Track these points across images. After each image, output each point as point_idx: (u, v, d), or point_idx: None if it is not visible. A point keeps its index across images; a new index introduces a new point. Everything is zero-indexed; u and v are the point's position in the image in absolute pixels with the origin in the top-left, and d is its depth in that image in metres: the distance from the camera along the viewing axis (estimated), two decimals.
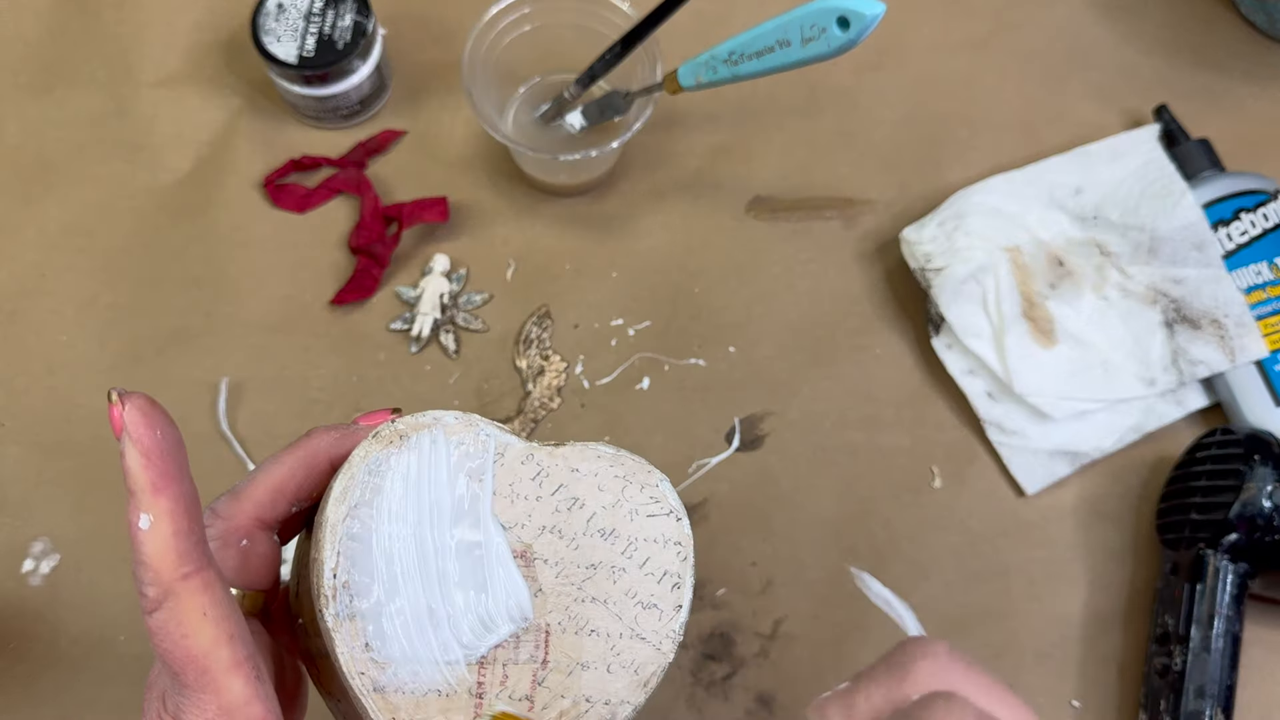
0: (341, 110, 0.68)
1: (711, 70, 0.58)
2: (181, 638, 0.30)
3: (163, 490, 0.29)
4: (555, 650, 0.35)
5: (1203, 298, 0.63)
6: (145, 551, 0.29)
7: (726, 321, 0.66)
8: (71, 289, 0.67)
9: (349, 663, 0.32)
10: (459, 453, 0.35)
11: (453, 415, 0.35)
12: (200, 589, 0.30)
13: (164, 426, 0.30)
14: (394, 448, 0.34)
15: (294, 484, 0.35)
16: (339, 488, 0.33)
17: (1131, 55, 0.72)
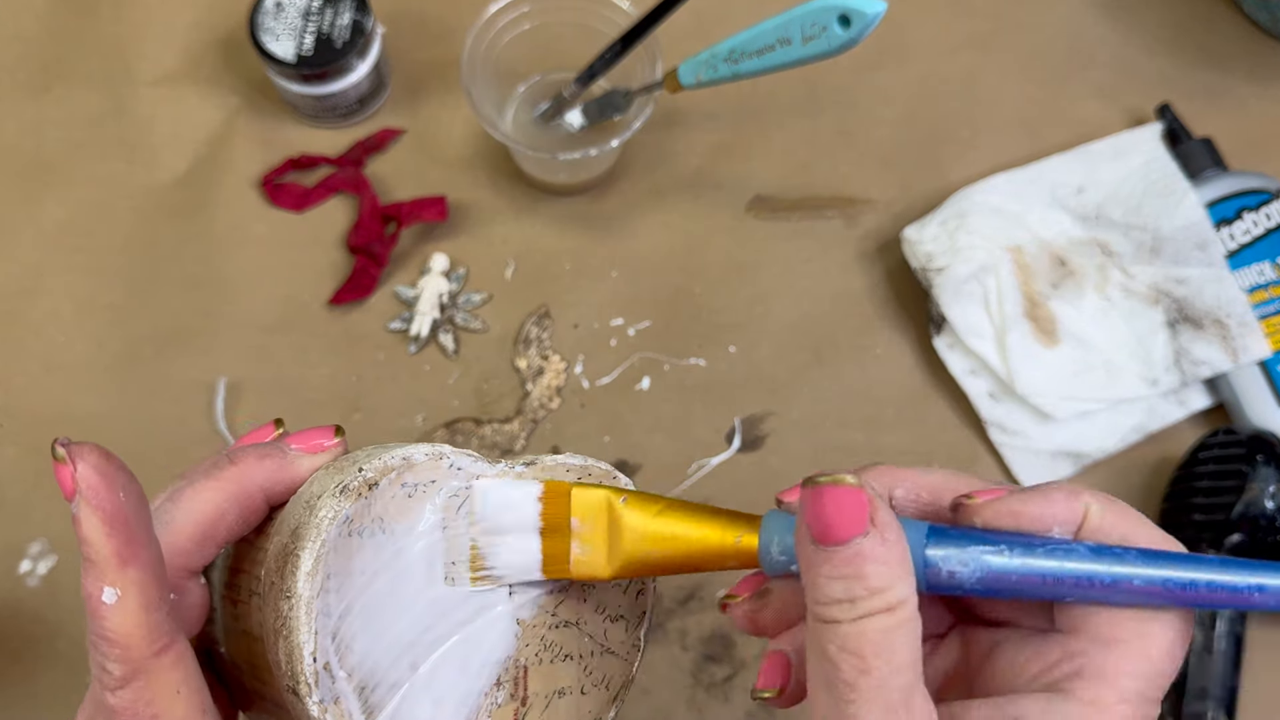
0: (340, 109, 0.68)
1: (712, 69, 0.58)
2: (151, 718, 0.27)
3: (130, 560, 0.26)
4: (533, 684, 0.33)
5: (1205, 297, 0.63)
6: (110, 627, 0.26)
7: (727, 321, 0.66)
8: (69, 288, 0.67)
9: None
10: (431, 490, 0.32)
11: (421, 452, 0.32)
12: (173, 665, 0.27)
13: (125, 484, 0.26)
14: (364, 499, 0.30)
15: (225, 526, 0.31)
16: (309, 559, 0.29)
17: (1134, 54, 0.71)
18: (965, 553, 0.28)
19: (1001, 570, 0.28)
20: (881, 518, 0.27)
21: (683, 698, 0.59)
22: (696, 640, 0.60)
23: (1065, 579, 0.27)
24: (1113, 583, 0.27)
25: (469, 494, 0.33)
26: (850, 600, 0.26)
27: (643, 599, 0.35)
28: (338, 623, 0.30)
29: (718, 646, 0.60)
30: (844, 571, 0.27)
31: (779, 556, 0.30)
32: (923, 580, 0.28)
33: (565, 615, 0.34)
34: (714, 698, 0.59)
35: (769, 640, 0.33)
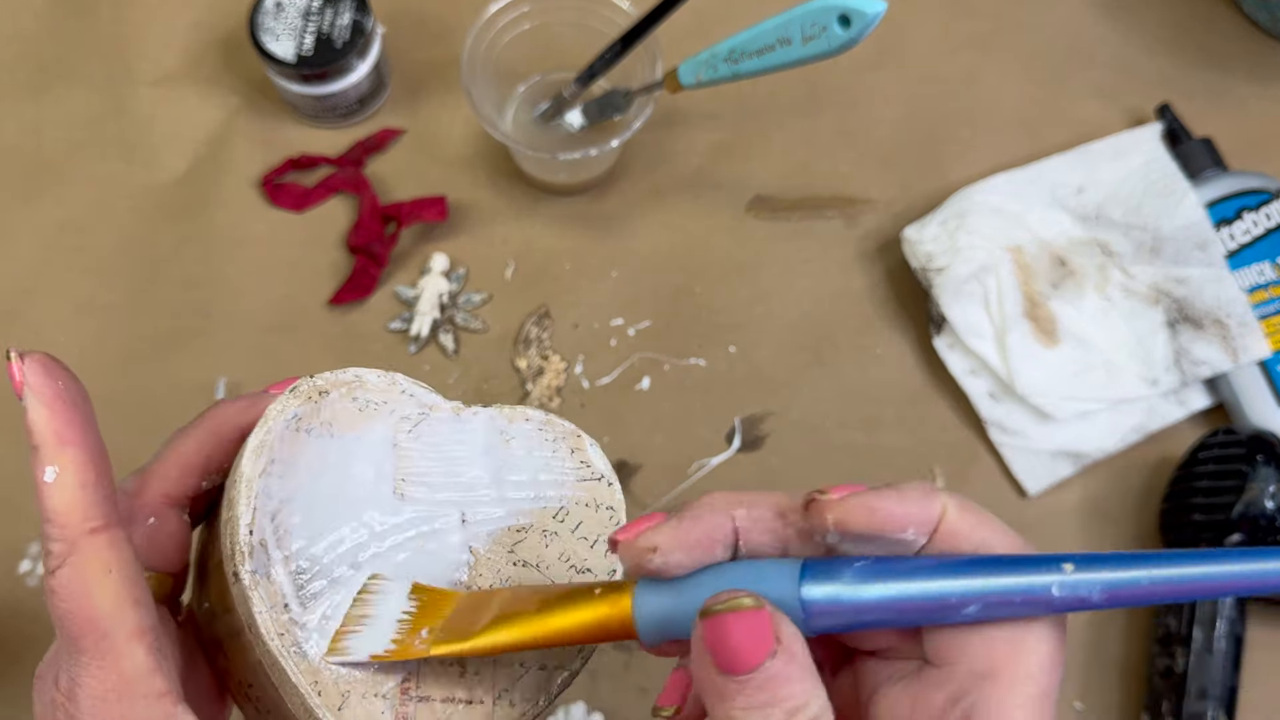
0: (340, 109, 0.68)
1: (712, 68, 0.58)
2: (84, 596, 0.28)
3: (68, 440, 0.28)
4: None
5: (1205, 297, 0.63)
6: (50, 505, 0.28)
7: (727, 321, 0.66)
8: (69, 288, 0.67)
9: (267, 624, 0.30)
10: (383, 410, 0.33)
11: (375, 373, 0.34)
12: (106, 545, 0.28)
13: (66, 380, 0.29)
14: (313, 403, 0.32)
15: (202, 457, 0.33)
16: (254, 442, 0.31)
17: (1133, 54, 0.71)
18: (843, 581, 0.27)
19: (882, 597, 0.26)
20: (786, 631, 0.26)
21: None
22: None
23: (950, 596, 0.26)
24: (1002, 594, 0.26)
25: (423, 419, 0.34)
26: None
27: (611, 558, 0.35)
28: (278, 506, 0.31)
29: None
30: (759, 700, 0.26)
31: (662, 639, 0.29)
32: (803, 625, 0.27)
33: (525, 556, 0.34)
34: None
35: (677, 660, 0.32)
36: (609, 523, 0.35)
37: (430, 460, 0.34)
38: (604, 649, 0.60)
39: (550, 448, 0.35)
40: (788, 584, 0.27)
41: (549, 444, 0.35)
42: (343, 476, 0.32)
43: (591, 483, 0.35)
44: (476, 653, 0.30)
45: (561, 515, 0.35)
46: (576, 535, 0.35)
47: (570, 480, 0.35)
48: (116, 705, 0.28)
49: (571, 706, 0.59)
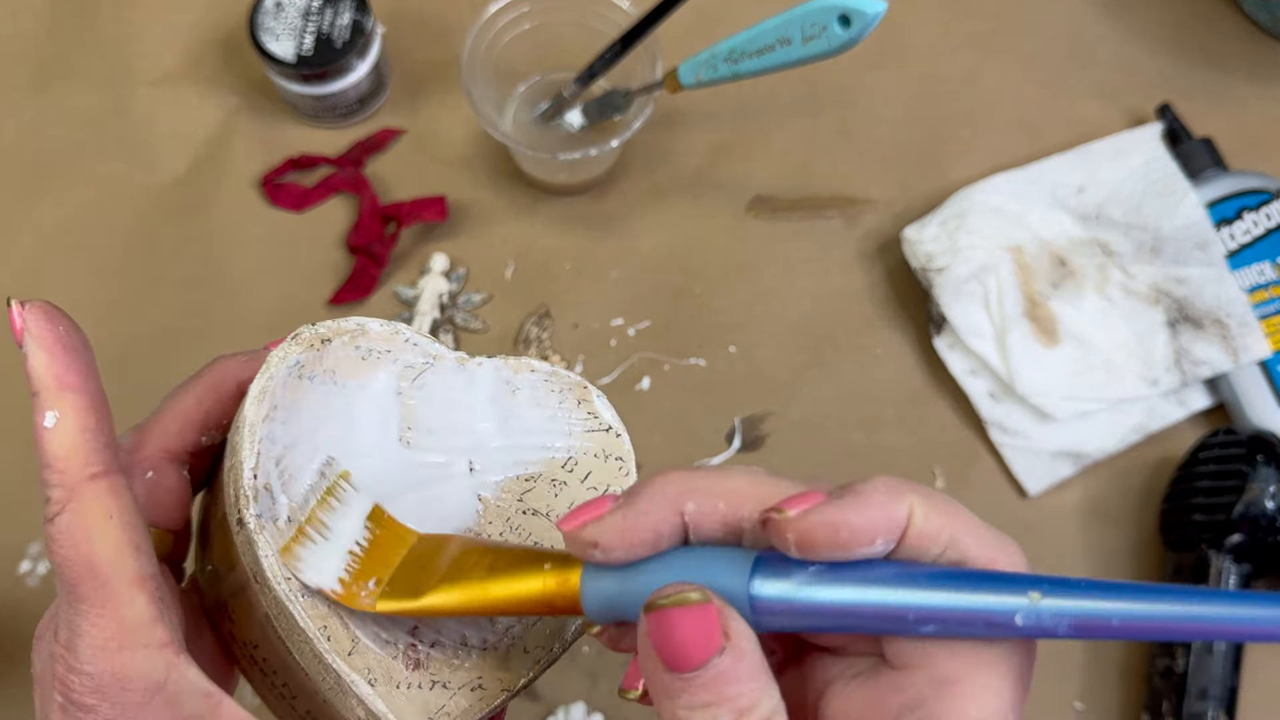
0: (340, 109, 0.68)
1: (712, 68, 0.58)
2: (84, 542, 0.27)
3: (69, 385, 0.28)
4: None
5: (1206, 297, 0.63)
6: (50, 450, 0.27)
7: (727, 321, 0.66)
8: (68, 288, 0.67)
9: (273, 568, 0.29)
10: (386, 358, 0.33)
11: (378, 322, 0.33)
12: (107, 491, 0.27)
13: (67, 325, 0.28)
14: (315, 350, 0.32)
15: (201, 411, 0.33)
16: (256, 388, 0.30)
17: (1134, 53, 0.71)
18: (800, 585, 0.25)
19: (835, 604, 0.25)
20: (735, 627, 0.25)
21: None
22: None
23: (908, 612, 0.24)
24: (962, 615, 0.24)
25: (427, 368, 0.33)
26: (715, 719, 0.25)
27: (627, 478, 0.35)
28: (282, 451, 0.30)
29: None
30: (706, 699, 0.25)
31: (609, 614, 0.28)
32: (752, 621, 0.26)
33: (534, 504, 0.34)
34: None
35: None
36: (619, 473, 0.35)
37: (435, 409, 0.33)
38: (603, 649, 0.60)
39: (557, 399, 0.35)
40: (738, 579, 0.26)
41: (555, 395, 0.35)
42: (347, 423, 0.32)
43: (599, 434, 0.35)
44: (420, 614, 0.29)
45: (570, 465, 0.34)
46: (585, 485, 0.34)
47: (578, 431, 0.35)
48: (117, 655, 0.27)
49: (571, 707, 0.59)
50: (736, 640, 0.25)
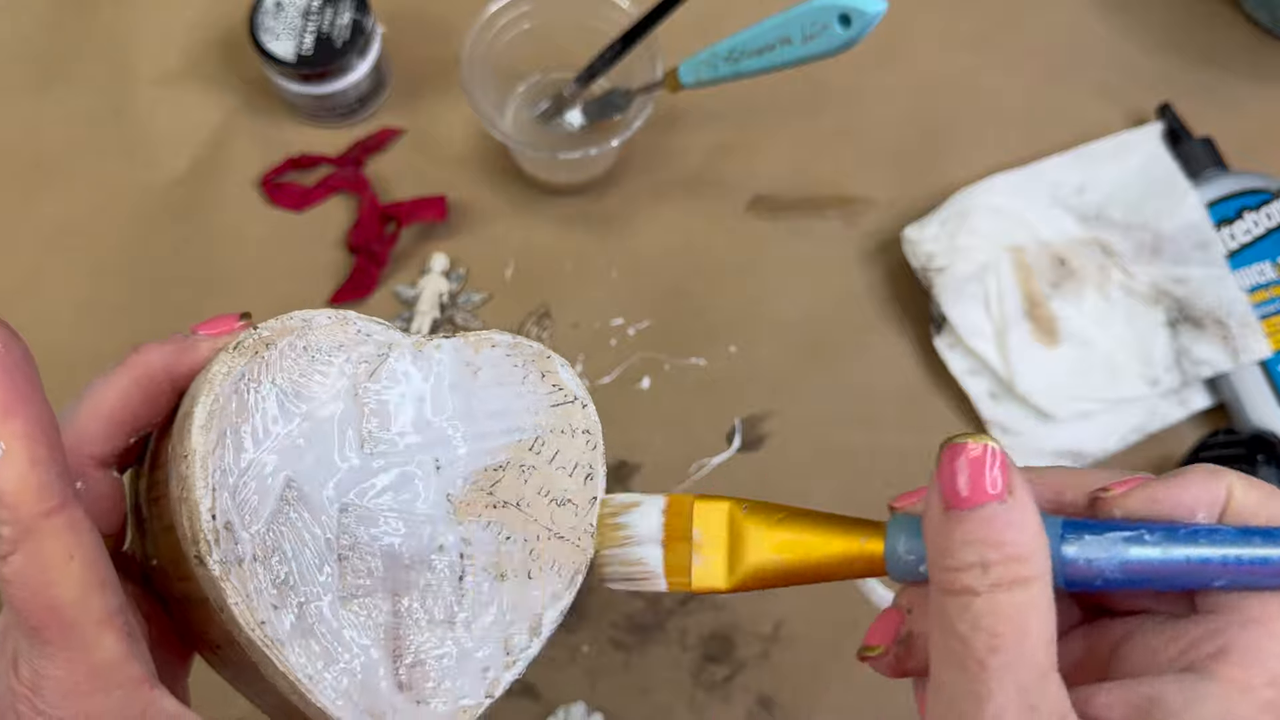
0: (340, 108, 0.68)
1: (712, 68, 0.58)
2: (45, 585, 0.25)
3: (15, 411, 0.25)
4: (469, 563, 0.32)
5: (1206, 297, 0.63)
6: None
7: (727, 321, 0.66)
8: (68, 289, 0.66)
9: (245, 613, 0.28)
10: (338, 356, 0.31)
11: (325, 315, 0.31)
12: (65, 528, 0.25)
13: (8, 340, 0.26)
14: (260, 358, 0.29)
15: (130, 411, 0.30)
16: (202, 412, 0.28)
17: (1134, 53, 0.71)
18: (1104, 541, 0.27)
19: (1143, 559, 0.26)
20: (1019, 486, 0.26)
21: (683, 698, 0.59)
22: (696, 640, 0.60)
23: (1212, 562, 0.26)
24: (1264, 563, 0.26)
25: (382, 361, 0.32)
26: (983, 566, 0.25)
27: (591, 483, 0.34)
28: (238, 481, 0.28)
29: (718, 646, 0.60)
30: (978, 535, 0.25)
31: (907, 556, 0.29)
32: (1061, 575, 0.27)
33: (504, 495, 0.33)
34: (714, 698, 0.59)
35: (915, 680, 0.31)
36: (585, 447, 0.34)
37: (394, 406, 0.32)
38: (603, 648, 0.60)
39: (520, 374, 0.33)
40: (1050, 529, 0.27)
41: (518, 370, 0.33)
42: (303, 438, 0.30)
43: (565, 406, 0.34)
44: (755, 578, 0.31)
45: (538, 446, 0.33)
46: (554, 465, 0.33)
47: (544, 406, 0.34)
48: (90, 698, 0.26)
49: (571, 707, 0.59)
50: (1021, 496, 0.25)
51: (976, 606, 0.25)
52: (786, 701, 0.59)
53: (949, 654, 0.26)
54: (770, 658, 0.60)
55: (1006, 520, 0.25)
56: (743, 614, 0.61)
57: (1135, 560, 0.27)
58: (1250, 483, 0.27)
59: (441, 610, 0.31)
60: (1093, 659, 0.29)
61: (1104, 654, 0.29)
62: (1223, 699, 0.25)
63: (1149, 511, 0.27)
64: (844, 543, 0.31)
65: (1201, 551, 0.26)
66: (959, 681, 0.25)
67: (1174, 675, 0.26)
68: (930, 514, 0.26)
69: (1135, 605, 0.30)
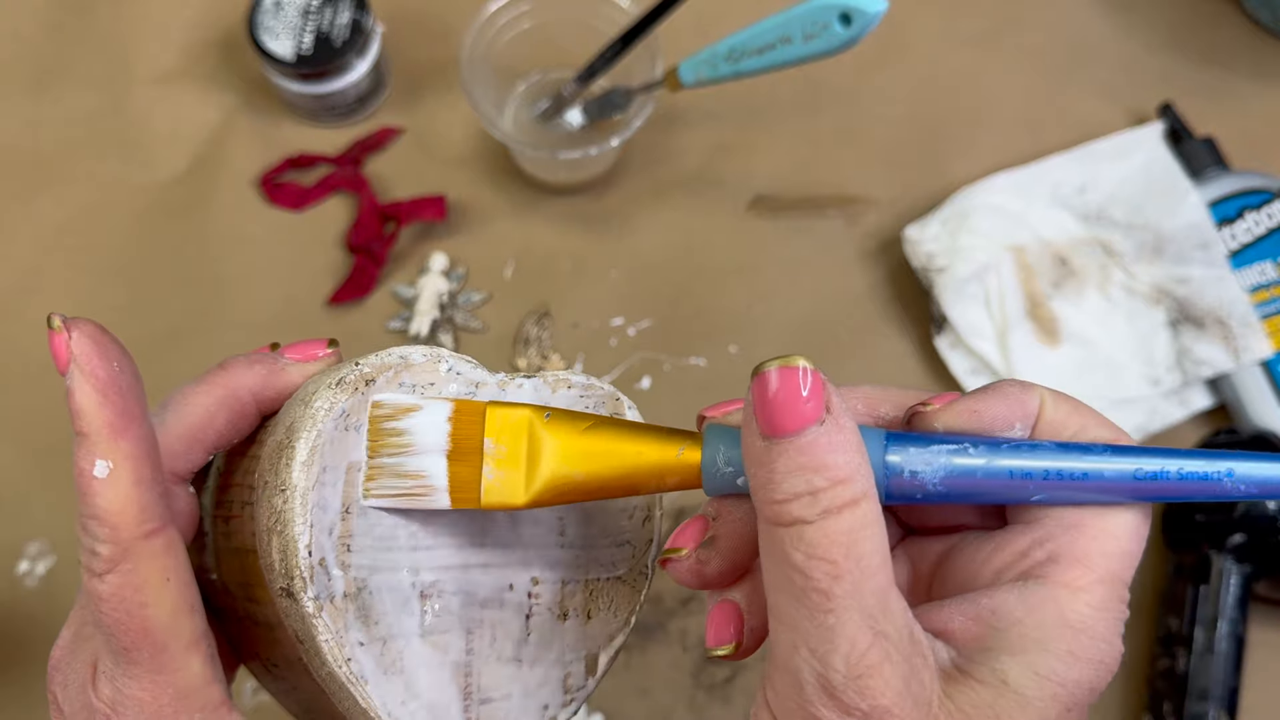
0: (339, 108, 0.68)
1: (712, 67, 0.58)
2: (139, 606, 0.25)
3: (123, 432, 0.25)
4: (536, 602, 0.32)
5: (1207, 297, 0.63)
6: (101, 504, 0.25)
7: (727, 321, 0.66)
8: (67, 288, 0.66)
9: (334, 650, 0.28)
10: (430, 394, 0.31)
11: (420, 352, 0.31)
12: (164, 550, 0.26)
13: (120, 358, 0.26)
14: (361, 394, 0.29)
15: (214, 430, 0.30)
16: (304, 448, 0.28)
17: (1136, 52, 0.71)
18: (928, 453, 0.26)
19: (967, 470, 0.26)
20: (836, 404, 0.25)
21: (683, 699, 0.59)
22: (697, 641, 0.60)
23: (1033, 476, 0.26)
24: (1083, 477, 0.26)
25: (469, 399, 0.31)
26: (811, 493, 0.24)
27: (649, 525, 0.34)
28: (334, 518, 0.29)
29: None
30: (801, 462, 0.24)
31: (725, 468, 0.28)
32: (884, 489, 0.26)
33: (571, 535, 0.33)
34: (714, 699, 0.59)
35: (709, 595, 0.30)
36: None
37: None
38: None
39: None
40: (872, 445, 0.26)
41: (590, 411, 0.34)
42: None
43: None
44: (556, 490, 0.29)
45: None
46: (617, 507, 0.34)
47: None
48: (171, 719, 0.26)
49: None
50: (838, 415, 0.25)
51: (810, 535, 0.24)
52: None
53: (787, 587, 0.25)
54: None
55: (829, 442, 0.25)
56: None
57: (959, 472, 0.26)
58: (1059, 396, 0.28)
59: (510, 649, 0.32)
60: (916, 577, 0.30)
61: (926, 572, 0.30)
62: (1059, 601, 0.26)
63: (969, 424, 0.27)
64: (658, 451, 0.29)
65: (1024, 464, 0.26)
66: (803, 615, 0.25)
67: (1008, 585, 0.27)
68: (749, 444, 0.26)
69: (952, 520, 0.30)
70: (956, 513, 0.30)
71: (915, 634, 0.25)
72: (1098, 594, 0.26)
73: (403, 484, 0.29)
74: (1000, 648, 0.26)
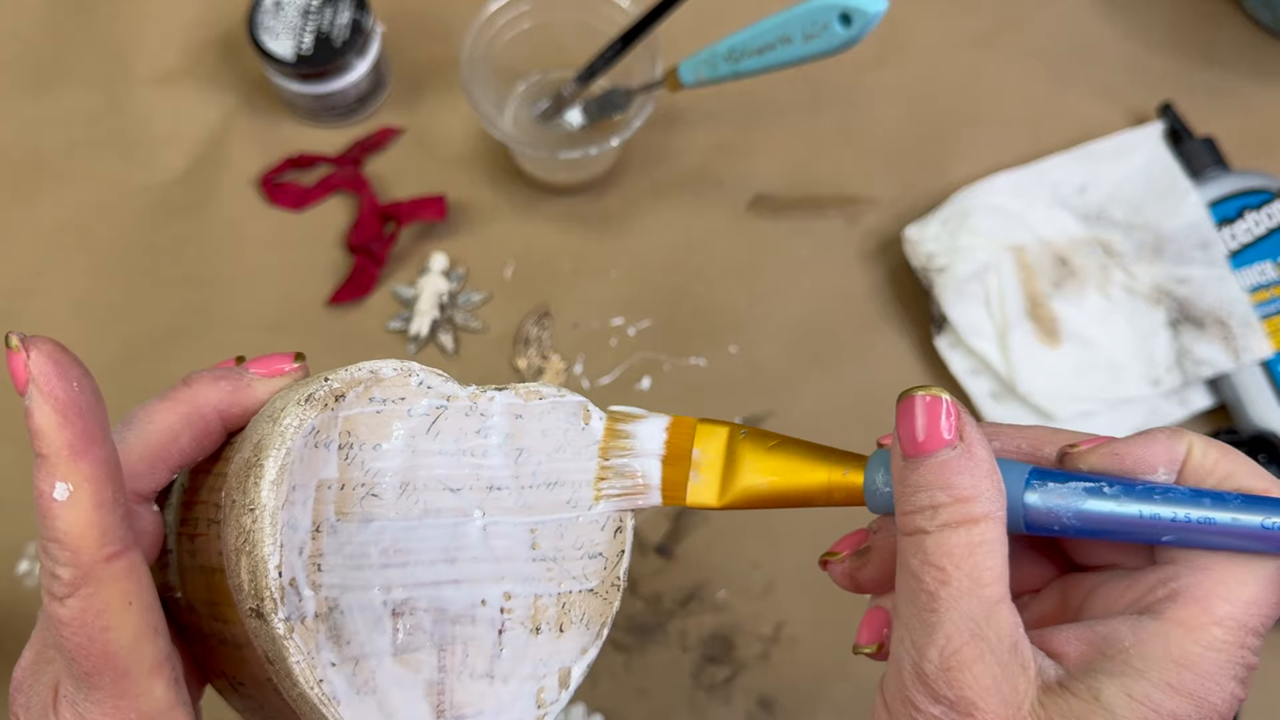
0: (339, 108, 0.68)
1: (712, 67, 0.58)
2: (101, 631, 0.25)
3: (84, 454, 0.25)
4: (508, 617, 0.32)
5: (1207, 297, 0.63)
6: (61, 527, 0.25)
7: (727, 321, 0.66)
8: (67, 288, 0.66)
9: (305, 672, 0.28)
10: (400, 409, 0.31)
11: (390, 366, 0.31)
12: (125, 573, 0.25)
13: (80, 378, 0.25)
14: (330, 410, 0.29)
15: (178, 448, 0.29)
16: (273, 466, 0.28)
17: (1136, 52, 0.71)
18: (1065, 490, 0.28)
19: (1099, 510, 0.28)
20: (970, 433, 0.28)
21: (683, 699, 0.59)
22: (697, 641, 0.60)
23: (1162, 519, 0.27)
24: (1209, 523, 0.27)
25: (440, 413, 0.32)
26: (932, 508, 0.27)
27: (620, 536, 0.34)
28: (304, 537, 0.28)
29: (718, 648, 0.60)
30: (928, 480, 0.27)
31: (884, 489, 0.31)
32: (1022, 519, 0.28)
33: (544, 549, 0.33)
34: (714, 699, 0.59)
35: (870, 598, 0.34)
36: None
37: (450, 461, 0.32)
38: (603, 649, 0.60)
39: (563, 427, 0.34)
40: (1013, 477, 0.29)
41: (561, 422, 0.34)
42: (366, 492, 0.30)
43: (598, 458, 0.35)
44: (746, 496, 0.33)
45: (574, 500, 0.34)
46: (589, 518, 0.34)
47: (582, 458, 0.34)
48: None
49: (572, 708, 0.59)
50: (970, 443, 0.28)
51: (927, 545, 0.27)
52: (787, 703, 0.59)
53: (905, 589, 0.28)
54: (771, 659, 0.60)
55: (957, 465, 0.27)
56: (743, 615, 0.61)
57: (1091, 510, 0.28)
58: (1209, 442, 0.29)
59: (482, 664, 0.32)
60: (1066, 609, 0.32)
61: (1076, 605, 0.31)
62: (1169, 637, 0.27)
63: (1111, 465, 0.29)
64: (828, 472, 0.32)
65: (1154, 508, 0.28)
66: (913, 614, 0.27)
67: (1127, 616, 0.28)
68: (894, 464, 0.29)
69: (1102, 559, 0.31)
70: (1108, 552, 0.31)
71: (1020, 646, 0.27)
72: (1212, 635, 0.27)
73: (624, 482, 0.33)
74: (1102, 670, 0.27)
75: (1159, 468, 0.29)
